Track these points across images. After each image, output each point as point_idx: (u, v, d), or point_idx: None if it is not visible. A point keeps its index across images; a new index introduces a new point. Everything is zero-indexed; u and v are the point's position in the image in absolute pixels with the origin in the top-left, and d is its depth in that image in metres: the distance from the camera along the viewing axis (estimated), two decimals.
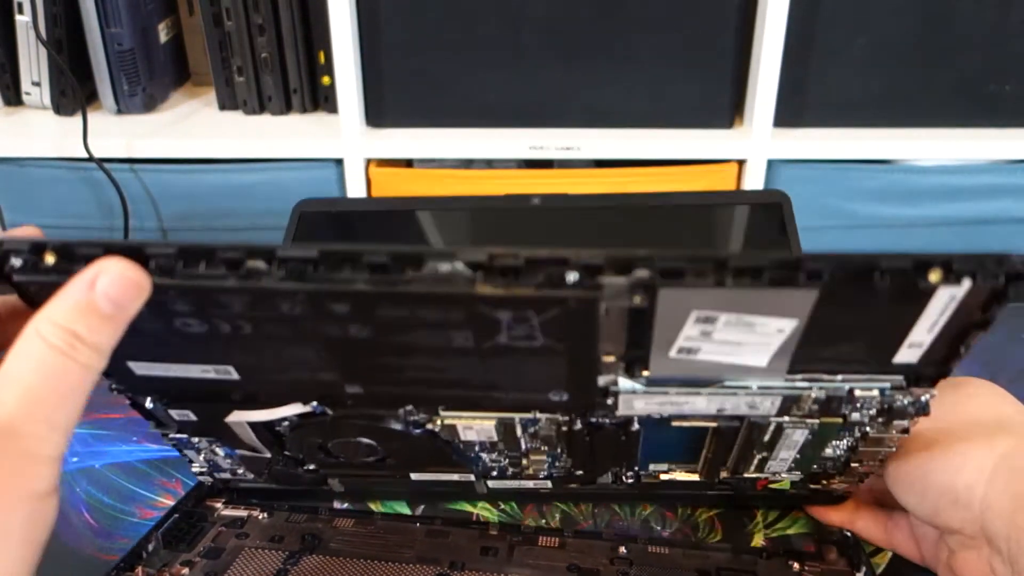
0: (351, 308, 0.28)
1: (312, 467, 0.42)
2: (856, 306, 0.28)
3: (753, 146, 0.99)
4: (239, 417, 0.37)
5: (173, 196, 1.03)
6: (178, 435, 0.39)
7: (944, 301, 0.28)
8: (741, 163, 1.00)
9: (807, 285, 0.26)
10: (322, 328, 0.29)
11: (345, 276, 0.27)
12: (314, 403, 0.35)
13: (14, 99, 1.03)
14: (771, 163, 1.00)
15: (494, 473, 0.41)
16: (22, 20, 0.97)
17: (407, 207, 0.62)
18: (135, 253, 0.27)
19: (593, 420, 0.36)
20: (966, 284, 0.27)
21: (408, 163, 1.06)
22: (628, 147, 1.00)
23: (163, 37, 1.05)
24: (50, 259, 0.27)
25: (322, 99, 1.04)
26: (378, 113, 1.00)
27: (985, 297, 0.27)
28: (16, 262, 0.27)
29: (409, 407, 0.35)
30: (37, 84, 1.01)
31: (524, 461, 0.40)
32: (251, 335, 0.30)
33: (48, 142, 0.99)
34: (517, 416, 0.36)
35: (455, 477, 0.42)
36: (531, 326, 0.28)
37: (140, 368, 0.33)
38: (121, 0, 0.95)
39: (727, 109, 1.00)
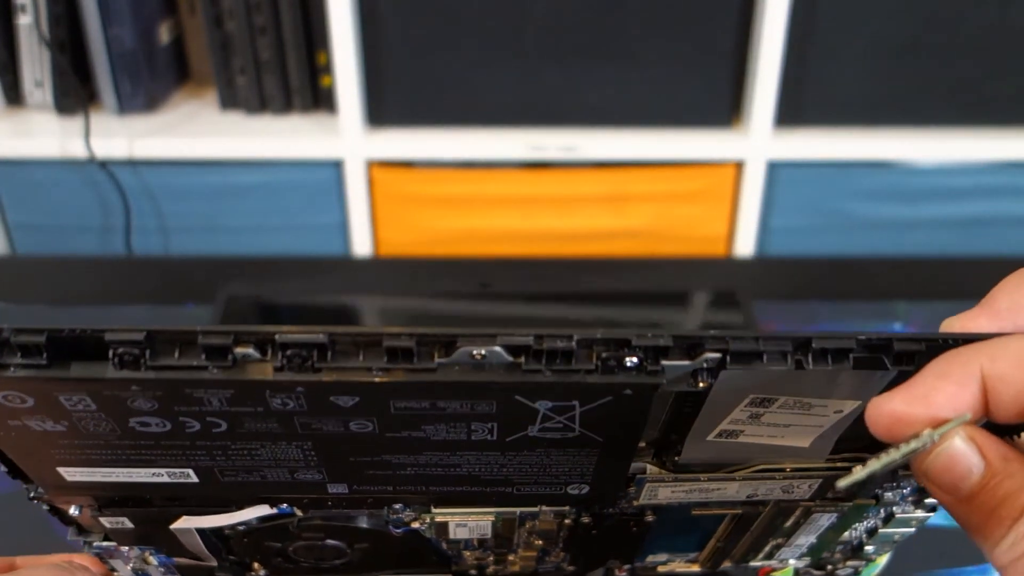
0: (360, 401, 0.23)
1: (262, 575, 0.36)
2: None
3: (752, 145, 0.99)
4: (188, 524, 0.31)
5: (174, 196, 1.04)
6: (104, 543, 0.33)
7: None
8: (740, 164, 1.01)
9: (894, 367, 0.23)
10: (317, 425, 0.24)
11: (358, 365, 0.22)
12: (283, 505, 0.30)
13: (16, 99, 1.03)
14: (770, 163, 1.00)
15: (472, 573, 0.37)
16: (24, 21, 0.97)
17: (337, 302, 0.59)
18: (94, 341, 0.21)
19: (605, 511, 0.32)
20: None
21: (408, 164, 1.06)
22: (628, 147, 1.00)
23: (164, 37, 1.05)
24: None
25: (323, 99, 1.04)
26: (378, 113, 1.00)
27: None
28: None
29: (398, 506, 0.30)
30: (39, 84, 1.01)
31: (511, 556, 0.35)
32: (225, 433, 0.24)
33: (50, 142, 1.00)
34: (519, 509, 0.31)
35: None
36: (571, 416, 0.24)
37: (72, 474, 0.26)
38: (123, 1, 0.96)
39: (726, 108, 1.00)
